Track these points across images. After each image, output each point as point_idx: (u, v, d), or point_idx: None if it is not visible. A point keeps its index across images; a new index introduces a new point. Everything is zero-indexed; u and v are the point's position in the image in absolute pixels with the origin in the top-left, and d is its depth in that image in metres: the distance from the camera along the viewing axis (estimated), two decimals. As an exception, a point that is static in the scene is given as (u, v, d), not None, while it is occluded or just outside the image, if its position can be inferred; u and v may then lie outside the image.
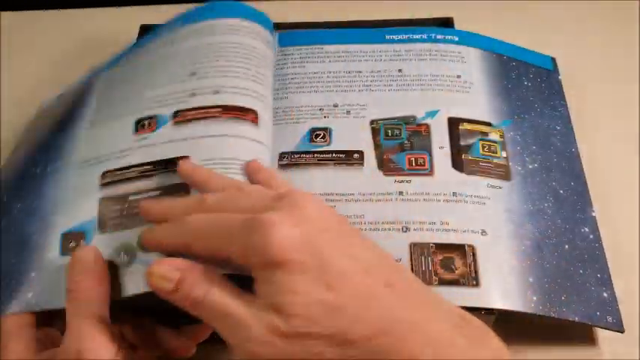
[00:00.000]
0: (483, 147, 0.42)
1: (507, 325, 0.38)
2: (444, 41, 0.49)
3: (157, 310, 0.34)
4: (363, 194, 0.40)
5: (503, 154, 0.42)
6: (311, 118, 0.45)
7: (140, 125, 0.41)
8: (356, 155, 0.42)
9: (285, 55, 0.50)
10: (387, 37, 0.50)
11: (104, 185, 0.38)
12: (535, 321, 0.37)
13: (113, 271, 0.33)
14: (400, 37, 0.50)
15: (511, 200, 0.40)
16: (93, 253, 0.32)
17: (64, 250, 0.36)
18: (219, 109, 0.41)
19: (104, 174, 0.39)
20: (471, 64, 0.47)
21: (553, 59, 0.51)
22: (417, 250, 0.37)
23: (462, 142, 0.42)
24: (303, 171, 0.42)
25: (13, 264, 0.36)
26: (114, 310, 0.32)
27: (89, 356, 0.28)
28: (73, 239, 0.36)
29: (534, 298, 0.36)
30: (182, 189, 0.37)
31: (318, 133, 0.44)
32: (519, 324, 0.37)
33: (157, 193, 0.37)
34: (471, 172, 0.41)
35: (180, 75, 0.44)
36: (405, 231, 0.38)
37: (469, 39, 0.49)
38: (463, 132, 0.43)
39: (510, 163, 0.42)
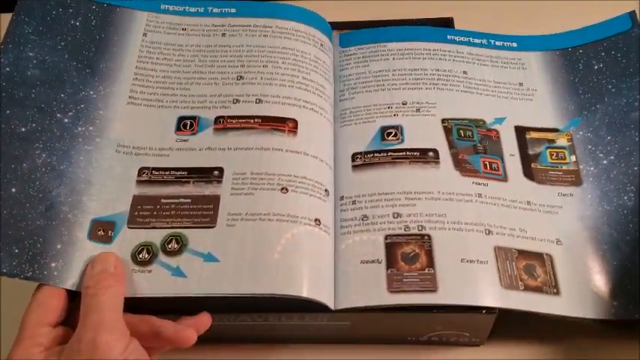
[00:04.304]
0: (551, 155, 0.43)
1: (508, 323, 0.39)
2: (503, 47, 0.50)
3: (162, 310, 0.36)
4: (443, 193, 0.40)
5: (572, 159, 0.43)
6: (380, 116, 0.45)
7: (182, 125, 0.42)
8: (431, 154, 0.42)
9: (347, 55, 0.49)
10: (449, 37, 0.50)
11: (140, 182, 0.39)
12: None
13: (131, 267, 0.36)
14: (461, 38, 0.50)
15: (584, 206, 0.41)
16: (113, 257, 0.36)
17: (93, 237, 0.37)
18: (258, 120, 0.42)
19: (141, 170, 0.40)
20: (532, 70, 0.48)
21: (632, 14, 0.48)
22: (502, 254, 0.38)
23: (530, 151, 0.43)
24: (378, 171, 0.42)
25: (37, 225, 0.37)
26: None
27: (104, 346, 0.31)
28: (102, 228, 0.38)
29: (615, 303, 0.37)
30: (212, 201, 0.38)
31: (389, 131, 0.44)
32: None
33: (188, 201, 0.39)
34: (541, 181, 0.42)
35: (227, 75, 0.45)
36: (488, 234, 0.39)
37: (529, 42, 0.50)
38: (530, 141, 0.44)
39: (581, 167, 0.43)
